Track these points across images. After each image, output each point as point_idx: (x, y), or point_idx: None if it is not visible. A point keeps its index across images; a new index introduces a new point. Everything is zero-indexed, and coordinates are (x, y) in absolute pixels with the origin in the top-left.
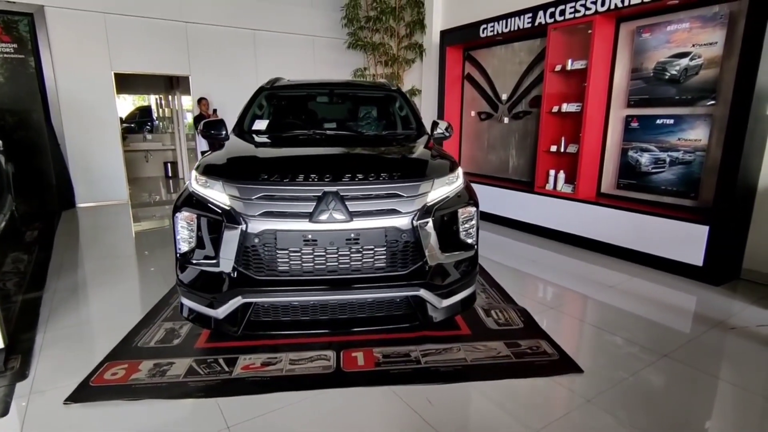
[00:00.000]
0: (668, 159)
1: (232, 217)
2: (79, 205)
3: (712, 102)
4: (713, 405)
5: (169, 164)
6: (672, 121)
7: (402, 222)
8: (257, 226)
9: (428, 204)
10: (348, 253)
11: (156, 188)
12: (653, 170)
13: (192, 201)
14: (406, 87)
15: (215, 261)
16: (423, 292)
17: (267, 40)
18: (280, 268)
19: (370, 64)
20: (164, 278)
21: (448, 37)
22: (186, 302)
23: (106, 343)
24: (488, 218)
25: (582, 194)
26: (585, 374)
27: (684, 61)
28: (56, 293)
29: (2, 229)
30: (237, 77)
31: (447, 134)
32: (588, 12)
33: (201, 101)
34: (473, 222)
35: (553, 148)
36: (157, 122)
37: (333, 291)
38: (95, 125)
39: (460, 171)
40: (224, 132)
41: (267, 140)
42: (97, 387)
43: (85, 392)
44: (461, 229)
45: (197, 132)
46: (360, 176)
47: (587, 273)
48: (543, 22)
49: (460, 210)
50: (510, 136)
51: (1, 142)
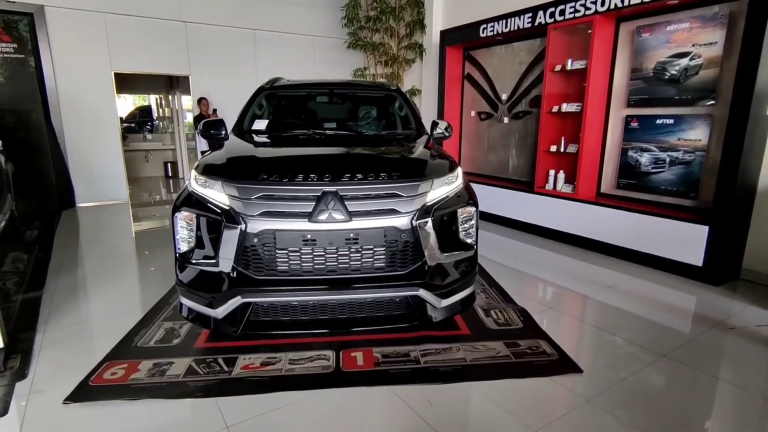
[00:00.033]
0: (668, 159)
1: (232, 217)
2: (79, 205)
3: (712, 102)
4: (713, 405)
5: (169, 164)
6: (672, 121)
7: (401, 222)
8: (256, 226)
9: (427, 204)
10: (347, 253)
11: (156, 188)
12: (653, 170)
13: (191, 201)
14: (406, 87)
15: (214, 261)
16: (422, 292)
17: (267, 40)
18: (280, 268)
19: (370, 64)
20: (164, 278)
21: (448, 37)
22: (185, 302)
23: (106, 343)
24: (488, 218)
25: (582, 194)
26: (584, 374)
27: (684, 61)
28: (56, 293)
29: (2, 229)
30: (237, 77)
31: (447, 134)
32: (588, 12)
33: (201, 101)
34: (473, 222)
35: (553, 148)
36: (157, 122)
37: (332, 291)
38: (95, 125)
39: (460, 171)
40: (224, 132)
41: (266, 140)
42: (97, 387)
43: (85, 392)
44: (460, 229)
45: (197, 132)
46: (359, 176)
47: (587, 273)
48: (543, 22)
49: (460, 210)
50: (510, 136)
51: (1, 142)
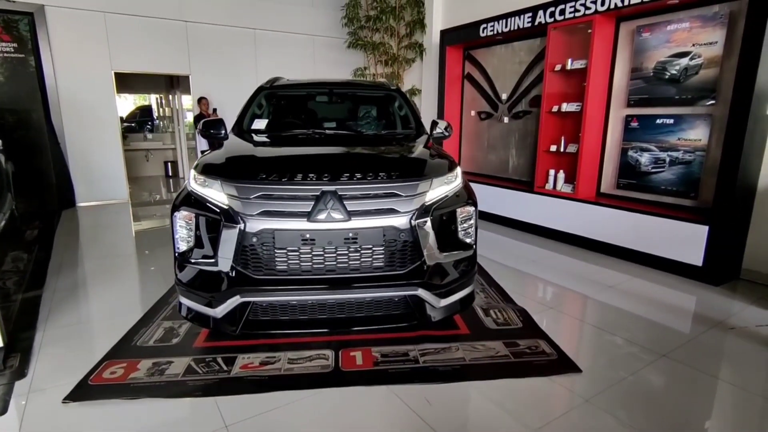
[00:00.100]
0: (668, 159)
1: (231, 217)
2: (79, 205)
3: (712, 102)
4: (713, 405)
5: (170, 163)
6: (672, 121)
7: (400, 221)
8: (255, 226)
9: (426, 203)
10: (346, 253)
11: (156, 187)
12: (653, 170)
13: (190, 200)
14: (406, 86)
15: (213, 260)
16: (421, 292)
17: (267, 40)
18: (279, 268)
19: (370, 64)
20: (164, 277)
21: (448, 37)
22: (185, 301)
23: (106, 342)
24: (488, 218)
25: (582, 194)
26: (584, 374)
27: (684, 61)
28: (56, 292)
29: (2, 228)
30: (237, 77)
31: (446, 134)
32: (588, 11)
33: (201, 101)
34: (472, 221)
35: (553, 148)
36: (158, 121)
37: (331, 290)
38: (95, 124)
39: (459, 170)
40: (223, 131)
41: (266, 139)
42: (96, 386)
43: (84, 391)
44: (460, 229)
45: (197, 131)
46: (358, 175)
47: (587, 273)
48: (543, 22)
49: (459, 209)
50: (510, 136)
51: (1, 142)
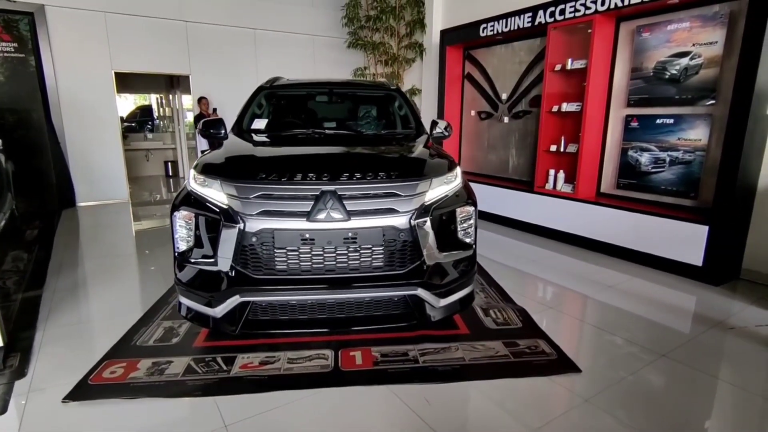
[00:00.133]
0: (668, 159)
1: (230, 216)
2: (80, 204)
3: (712, 102)
4: (712, 405)
5: (170, 163)
6: (672, 121)
7: (400, 221)
8: (255, 225)
9: (426, 203)
10: (346, 252)
11: (156, 187)
12: (653, 170)
13: (190, 200)
14: (406, 86)
15: (213, 260)
16: (421, 292)
17: (267, 40)
18: (278, 267)
19: (371, 64)
20: (164, 277)
21: (448, 37)
22: (184, 301)
23: (105, 342)
24: (488, 218)
25: (582, 194)
26: (583, 374)
27: (684, 61)
28: (56, 292)
29: (2, 228)
30: (237, 76)
31: (446, 133)
32: (588, 11)
33: (201, 100)
34: (471, 221)
35: (553, 148)
36: (158, 121)
37: (331, 290)
38: (96, 124)
39: (459, 170)
40: (223, 131)
41: (265, 139)
42: (96, 385)
43: (84, 390)
44: (459, 229)
45: (197, 131)
46: (358, 175)
47: (586, 273)
48: (543, 22)
49: (458, 209)
50: (510, 136)
51: (1, 141)
